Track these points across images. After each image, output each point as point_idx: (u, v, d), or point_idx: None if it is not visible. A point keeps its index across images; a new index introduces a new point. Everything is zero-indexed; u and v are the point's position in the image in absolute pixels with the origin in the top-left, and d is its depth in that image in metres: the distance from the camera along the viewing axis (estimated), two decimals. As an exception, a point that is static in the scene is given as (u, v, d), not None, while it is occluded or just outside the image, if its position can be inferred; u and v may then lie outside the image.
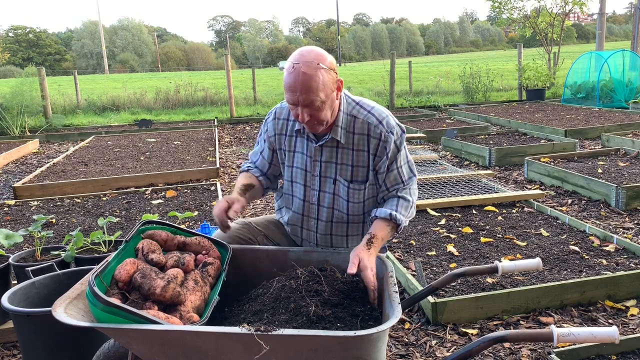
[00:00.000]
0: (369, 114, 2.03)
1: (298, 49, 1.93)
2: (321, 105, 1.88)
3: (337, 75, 1.95)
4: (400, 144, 2.05)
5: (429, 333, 2.69)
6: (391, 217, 1.99)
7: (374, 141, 2.02)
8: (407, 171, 2.10)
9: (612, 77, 11.65)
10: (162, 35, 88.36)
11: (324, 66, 1.86)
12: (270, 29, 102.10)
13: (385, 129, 2.01)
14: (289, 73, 1.86)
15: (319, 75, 1.84)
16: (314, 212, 2.18)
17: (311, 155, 2.09)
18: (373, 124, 2.02)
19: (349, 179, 2.09)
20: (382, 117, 2.03)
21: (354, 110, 2.04)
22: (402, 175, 2.08)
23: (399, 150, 2.05)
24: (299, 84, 1.83)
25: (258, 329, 1.44)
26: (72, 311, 1.58)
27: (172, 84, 15.76)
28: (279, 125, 2.15)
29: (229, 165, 7.22)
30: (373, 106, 2.07)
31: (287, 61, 1.90)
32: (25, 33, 68.50)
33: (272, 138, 2.18)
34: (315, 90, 1.84)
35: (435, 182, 5.38)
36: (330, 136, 2.03)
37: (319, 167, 2.10)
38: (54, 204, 5.31)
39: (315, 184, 2.12)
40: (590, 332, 1.53)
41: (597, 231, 3.78)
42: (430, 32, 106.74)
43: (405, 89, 15.95)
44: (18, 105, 10.90)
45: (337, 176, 2.10)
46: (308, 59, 1.85)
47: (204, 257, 1.95)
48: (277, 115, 2.17)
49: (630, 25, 37.11)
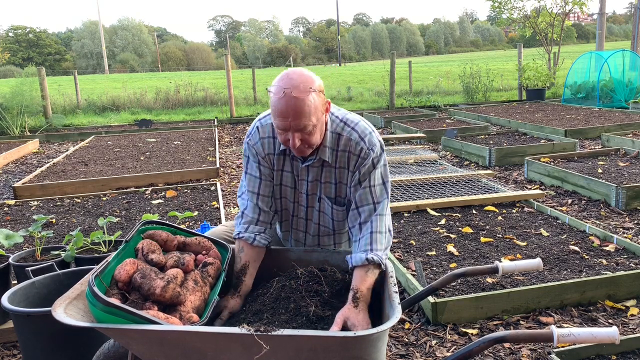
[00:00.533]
0: (352, 131, 1.99)
1: (284, 72, 1.84)
2: (313, 129, 1.84)
3: (325, 97, 1.90)
4: (377, 162, 1.98)
5: (429, 333, 2.69)
6: (368, 262, 1.85)
7: (354, 157, 1.98)
8: (379, 192, 1.99)
9: (612, 77, 11.65)
10: (162, 35, 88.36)
11: (314, 89, 1.81)
12: (270, 29, 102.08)
13: (366, 146, 1.96)
14: (279, 98, 1.78)
15: (311, 99, 1.78)
16: (302, 226, 2.19)
17: (298, 173, 2.06)
18: (355, 140, 1.97)
19: (333, 197, 2.07)
20: (365, 134, 1.98)
21: (338, 128, 2.00)
22: (374, 195, 1.97)
23: (375, 168, 1.98)
24: (291, 109, 1.77)
25: (258, 329, 1.44)
26: (72, 311, 1.58)
27: (172, 84, 15.76)
28: (265, 144, 2.05)
29: (229, 165, 7.21)
30: (357, 122, 2.01)
31: (275, 86, 1.82)
32: (25, 33, 68.48)
33: (265, 158, 2.06)
34: (308, 115, 1.79)
35: (435, 182, 5.38)
36: (317, 157, 1.99)
37: (306, 185, 2.07)
38: (54, 204, 5.31)
39: (303, 200, 2.12)
40: (590, 333, 1.53)
41: (597, 231, 3.78)
42: (430, 32, 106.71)
43: (405, 89, 15.95)
44: (18, 105, 10.90)
45: (321, 194, 2.08)
46: (298, 83, 1.78)
47: (204, 257, 1.95)
48: (261, 134, 2.05)
49: (630, 25, 37.13)
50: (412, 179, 5.43)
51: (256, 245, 2.02)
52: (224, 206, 4.91)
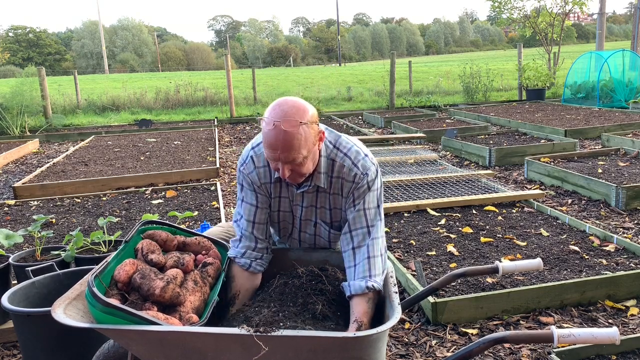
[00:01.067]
0: (345, 157, 1.96)
1: (276, 102, 1.81)
2: (303, 161, 1.81)
3: (319, 127, 1.87)
4: (372, 185, 1.95)
5: (429, 333, 2.69)
6: (369, 290, 1.82)
7: (347, 184, 1.96)
8: (374, 214, 1.95)
9: (612, 77, 11.65)
10: (162, 35, 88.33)
11: (305, 122, 1.77)
12: (270, 29, 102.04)
13: (359, 172, 1.94)
14: (269, 131, 1.76)
15: (301, 132, 1.75)
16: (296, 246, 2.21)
17: (292, 199, 2.05)
18: (347, 166, 1.95)
19: (329, 222, 2.07)
20: (358, 160, 1.95)
21: (332, 154, 1.97)
22: (367, 218, 1.94)
23: (370, 190, 1.95)
24: (280, 142, 1.74)
25: (257, 329, 1.44)
26: (72, 312, 1.58)
27: (172, 84, 15.75)
28: (260, 173, 2.01)
29: (229, 165, 7.21)
30: (350, 147, 1.98)
31: (267, 116, 1.79)
32: (25, 33, 68.46)
33: (261, 187, 2.03)
34: (298, 148, 1.76)
35: (435, 182, 5.38)
36: (312, 183, 1.97)
37: (300, 211, 2.07)
38: (54, 204, 5.31)
39: (297, 224, 2.12)
40: (590, 333, 1.53)
41: (597, 231, 3.78)
42: (430, 32, 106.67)
43: (405, 88, 15.95)
44: (18, 105, 10.90)
45: (317, 219, 2.08)
46: (289, 116, 1.75)
47: (203, 257, 1.95)
48: (256, 164, 2.01)
49: (630, 25, 37.12)
50: (412, 179, 5.43)
51: (251, 272, 2.00)
52: (224, 206, 4.91)
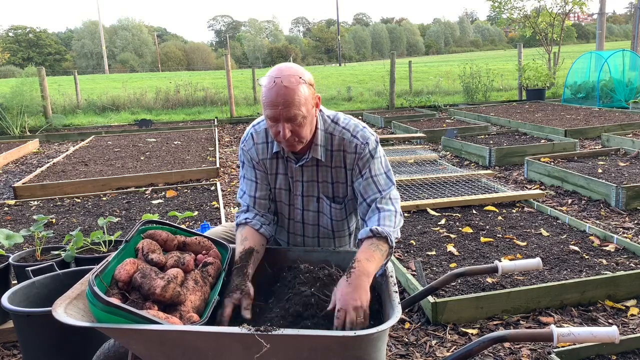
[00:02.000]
0: (343, 130, 2.00)
1: (274, 66, 1.87)
2: (302, 121, 1.84)
3: (315, 91, 1.92)
4: (375, 152, 1.99)
5: (429, 333, 2.69)
6: (373, 233, 1.81)
7: (350, 156, 1.99)
8: (384, 180, 1.99)
9: (612, 77, 11.65)
10: (162, 35, 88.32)
11: (304, 80, 1.83)
12: (270, 29, 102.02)
13: (360, 142, 1.98)
14: (270, 88, 1.80)
15: (301, 89, 1.80)
16: (300, 229, 2.19)
17: (292, 175, 2.07)
18: (347, 139, 1.99)
19: (331, 196, 2.08)
20: (357, 131, 2.00)
21: (330, 127, 2.01)
22: (378, 185, 1.97)
23: (374, 158, 1.99)
24: (281, 97, 1.78)
25: (258, 328, 1.44)
26: (72, 311, 1.58)
27: (172, 84, 15.76)
28: (259, 149, 2.07)
29: (229, 165, 7.22)
30: (348, 121, 2.04)
31: (266, 77, 1.84)
32: (25, 33, 68.46)
33: (259, 163, 2.09)
34: (298, 105, 1.80)
35: (435, 182, 5.38)
36: (310, 155, 2.00)
37: (301, 186, 2.08)
38: (54, 203, 5.31)
39: (299, 202, 2.12)
40: (590, 332, 1.53)
41: (597, 231, 3.78)
42: (430, 32, 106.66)
43: (405, 88, 15.95)
44: (18, 105, 10.90)
45: (320, 194, 2.09)
46: (288, 74, 1.81)
47: (204, 257, 1.95)
48: (255, 140, 2.07)
49: (630, 25, 37.12)
50: (412, 179, 5.43)
51: (262, 233, 2.01)
52: (224, 206, 4.91)
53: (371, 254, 1.76)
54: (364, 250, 1.78)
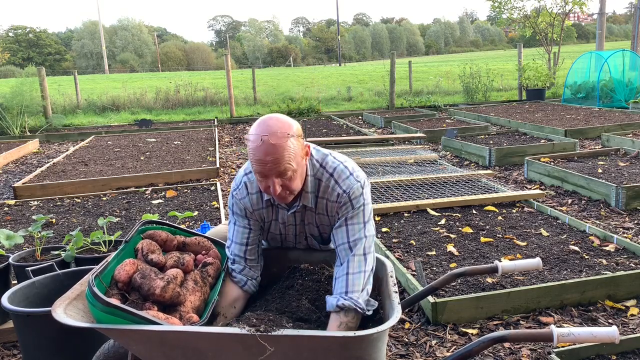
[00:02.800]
0: (330, 177, 1.94)
1: (260, 120, 1.81)
2: (293, 175, 1.80)
3: (304, 141, 1.87)
4: (355, 202, 1.92)
5: (429, 333, 2.69)
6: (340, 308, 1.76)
7: (332, 204, 1.95)
8: (356, 231, 1.91)
9: (612, 77, 11.65)
10: (162, 35, 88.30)
11: (292, 134, 1.78)
12: (270, 29, 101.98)
13: (342, 191, 1.92)
14: (257, 146, 1.75)
15: (289, 144, 1.76)
16: None
17: (284, 222, 2.05)
18: (332, 187, 1.93)
19: (319, 236, 2.08)
20: (343, 179, 1.93)
21: (318, 173, 1.96)
22: (348, 234, 1.90)
23: (353, 207, 1.92)
24: (270, 155, 1.74)
25: (258, 329, 1.44)
26: (72, 312, 1.58)
27: (172, 84, 15.76)
28: (253, 199, 2.01)
29: (229, 165, 7.22)
30: (336, 167, 1.95)
31: (252, 134, 1.78)
32: (25, 33, 68.45)
33: (255, 214, 2.03)
34: (288, 160, 1.76)
35: (435, 182, 5.38)
36: (300, 203, 1.97)
37: (294, 229, 2.07)
38: (54, 203, 5.31)
39: (290, 242, 2.12)
40: (590, 332, 1.53)
41: (597, 231, 3.78)
42: (430, 32, 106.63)
43: (405, 88, 15.95)
44: (18, 105, 10.90)
45: (307, 234, 2.08)
46: (275, 130, 1.75)
47: (203, 257, 1.95)
48: (249, 190, 2.00)
49: (630, 25, 37.10)
50: (412, 179, 5.43)
51: (245, 290, 1.98)
52: (224, 206, 4.91)
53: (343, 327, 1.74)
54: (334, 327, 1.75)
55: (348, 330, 1.73)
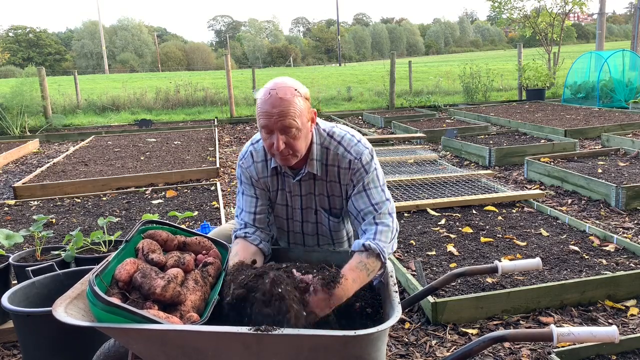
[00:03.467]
0: (338, 145, 1.99)
1: (271, 80, 1.88)
2: (297, 133, 1.83)
3: (311, 106, 1.92)
4: (368, 167, 1.97)
5: (429, 333, 2.69)
6: (365, 248, 1.81)
7: (343, 171, 1.99)
8: (378, 194, 1.97)
9: (612, 77, 11.65)
10: (162, 35, 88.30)
11: (300, 93, 1.84)
12: (270, 29, 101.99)
13: (353, 157, 1.97)
14: (265, 100, 1.80)
15: (296, 101, 1.81)
16: (300, 239, 2.20)
17: (290, 190, 2.07)
18: (341, 154, 1.98)
19: (328, 209, 2.09)
20: (351, 146, 1.98)
21: (326, 142, 2.01)
22: (371, 198, 1.96)
23: (367, 172, 1.97)
24: (276, 108, 1.78)
25: (258, 328, 1.44)
26: (73, 311, 1.58)
27: (172, 84, 15.75)
28: (259, 167, 2.07)
29: (229, 165, 7.22)
30: (343, 135, 2.02)
31: (261, 89, 1.85)
32: (25, 33, 68.45)
33: (260, 182, 2.08)
34: (293, 115, 1.79)
35: (435, 182, 5.38)
36: (306, 170, 2.00)
37: (300, 200, 2.08)
38: (54, 203, 5.31)
39: (297, 215, 2.13)
40: (590, 332, 1.53)
41: (597, 231, 3.78)
42: (430, 32, 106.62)
43: (405, 88, 15.95)
44: (18, 105, 10.90)
45: (317, 207, 2.09)
46: (284, 86, 1.81)
47: (204, 257, 1.95)
48: (254, 158, 2.07)
49: (630, 25, 37.10)
50: (412, 179, 5.43)
51: (261, 249, 1.99)
52: (224, 206, 4.91)
53: (358, 274, 1.76)
54: (353, 269, 1.77)
55: (365, 270, 1.77)
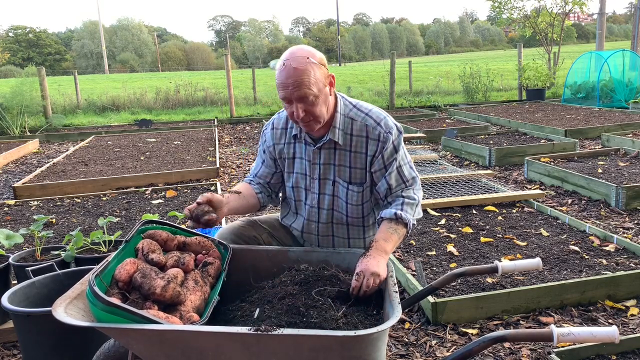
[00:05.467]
0: (366, 117, 2.04)
1: (288, 49, 1.96)
2: (315, 100, 1.89)
3: (328, 71, 1.96)
4: (398, 144, 2.05)
5: (429, 333, 2.69)
6: (396, 217, 1.97)
7: (372, 142, 2.02)
8: (408, 171, 2.09)
9: (612, 77, 11.65)
10: (162, 35, 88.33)
11: (314, 61, 1.89)
12: (270, 29, 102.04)
13: (383, 130, 2.02)
14: (281, 71, 1.88)
15: (310, 69, 1.86)
16: (314, 215, 2.19)
17: (310, 159, 2.10)
18: (371, 125, 2.02)
19: (348, 180, 2.09)
20: (380, 119, 2.04)
21: (351, 113, 2.06)
22: (403, 175, 2.07)
23: (397, 150, 2.05)
24: (291, 78, 1.85)
25: (258, 328, 1.44)
26: (72, 311, 1.58)
27: (172, 84, 15.75)
28: (277, 134, 2.18)
29: (229, 165, 7.21)
30: (370, 108, 2.08)
31: (279, 60, 1.93)
32: (25, 33, 68.46)
33: (271, 148, 2.19)
34: (308, 84, 1.85)
35: (435, 182, 5.38)
36: (328, 137, 2.04)
37: (318, 169, 2.10)
38: (54, 203, 5.31)
39: (315, 186, 2.13)
40: (590, 332, 1.53)
41: (597, 231, 3.78)
42: (430, 32, 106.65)
43: (405, 88, 15.95)
44: (18, 105, 10.90)
45: (335, 177, 2.10)
46: (298, 55, 1.88)
47: (204, 257, 1.95)
48: (274, 125, 2.20)
49: (630, 25, 37.11)
50: (412, 179, 5.42)
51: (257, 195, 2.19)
52: (224, 206, 4.90)
53: (389, 235, 1.92)
54: (383, 232, 1.93)
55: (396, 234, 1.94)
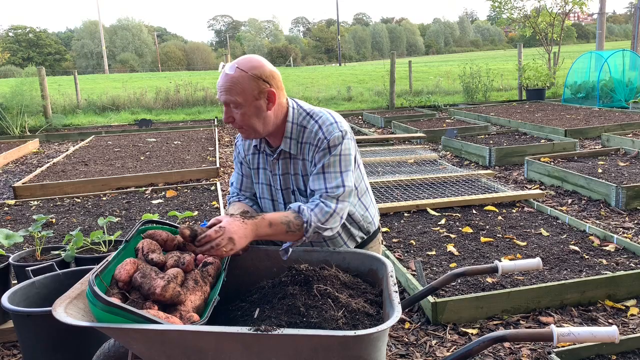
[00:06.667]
0: (315, 123, 1.99)
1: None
2: (241, 109, 1.91)
3: (270, 87, 1.91)
4: (334, 149, 1.93)
5: (429, 333, 2.69)
6: (299, 210, 1.87)
7: (312, 147, 1.98)
8: (335, 179, 1.93)
9: (612, 76, 11.65)
10: (162, 35, 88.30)
11: (250, 73, 1.87)
12: (270, 29, 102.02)
13: (322, 135, 1.95)
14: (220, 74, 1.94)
15: (239, 79, 1.87)
16: None
17: (271, 169, 2.10)
18: (314, 131, 1.98)
19: (304, 190, 2.08)
20: (325, 124, 1.97)
21: (304, 121, 2.02)
22: (327, 182, 1.92)
23: (330, 153, 1.93)
24: (222, 83, 1.90)
25: (258, 328, 1.44)
26: (72, 311, 1.58)
27: (172, 84, 15.75)
28: (245, 145, 2.19)
29: (229, 165, 7.22)
30: (321, 115, 2.02)
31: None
32: (25, 33, 68.44)
33: (245, 159, 2.20)
34: (234, 93, 1.87)
35: (435, 182, 5.38)
36: (280, 148, 2.03)
37: (279, 180, 2.10)
38: (54, 203, 5.31)
39: (279, 197, 2.13)
40: (590, 332, 1.53)
41: (597, 231, 3.78)
42: (430, 32, 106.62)
43: (405, 88, 15.95)
44: (18, 105, 10.91)
45: (294, 187, 2.09)
46: (237, 64, 1.90)
47: (204, 257, 1.95)
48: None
49: (630, 25, 37.11)
50: (412, 179, 5.43)
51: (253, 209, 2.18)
52: (223, 206, 4.91)
53: (279, 225, 1.85)
54: (277, 218, 1.86)
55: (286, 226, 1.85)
